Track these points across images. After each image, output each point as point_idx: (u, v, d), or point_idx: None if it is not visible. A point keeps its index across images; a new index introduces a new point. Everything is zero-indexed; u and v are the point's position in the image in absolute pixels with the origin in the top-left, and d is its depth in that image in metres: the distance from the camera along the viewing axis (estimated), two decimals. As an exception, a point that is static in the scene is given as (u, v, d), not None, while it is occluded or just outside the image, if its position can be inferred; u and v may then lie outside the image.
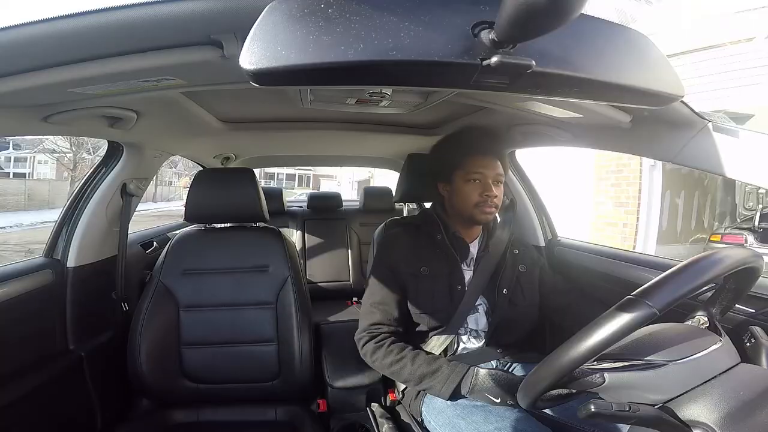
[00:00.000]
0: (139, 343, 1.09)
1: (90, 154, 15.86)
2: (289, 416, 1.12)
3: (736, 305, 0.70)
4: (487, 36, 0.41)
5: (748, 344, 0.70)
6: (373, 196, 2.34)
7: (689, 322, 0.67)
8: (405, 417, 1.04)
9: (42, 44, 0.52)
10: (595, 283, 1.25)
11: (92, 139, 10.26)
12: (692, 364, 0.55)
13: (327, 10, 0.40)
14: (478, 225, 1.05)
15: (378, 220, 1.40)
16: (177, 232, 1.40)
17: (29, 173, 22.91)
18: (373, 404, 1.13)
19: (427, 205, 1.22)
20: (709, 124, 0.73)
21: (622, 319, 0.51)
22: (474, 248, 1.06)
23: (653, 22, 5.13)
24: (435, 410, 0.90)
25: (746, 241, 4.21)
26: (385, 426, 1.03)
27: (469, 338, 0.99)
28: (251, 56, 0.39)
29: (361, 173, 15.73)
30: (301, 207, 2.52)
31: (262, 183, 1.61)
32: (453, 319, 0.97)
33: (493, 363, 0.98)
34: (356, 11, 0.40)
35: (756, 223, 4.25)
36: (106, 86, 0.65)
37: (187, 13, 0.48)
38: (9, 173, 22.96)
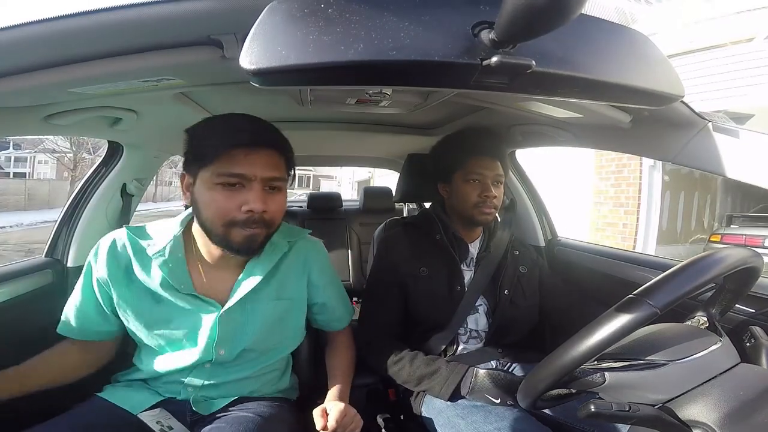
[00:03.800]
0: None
1: (90, 154, 15.87)
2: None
3: (736, 305, 0.70)
4: (487, 36, 0.41)
5: (748, 344, 0.70)
6: (373, 196, 2.34)
7: (689, 322, 0.68)
8: (405, 417, 1.04)
9: (42, 44, 0.52)
10: (594, 283, 1.25)
11: (92, 139, 10.27)
12: (692, 364, 0.55)
13: (327, 10, 0.40)
14: (477, 226, 1.05)
15: (378, 220, 1.40)
16: None
17: (29, 173, 22.93)
18: (373, 404, 1.12)
19: (428, 205, 1.22)
20: (709, 124, 0.73)
21: (623, 319, 0.51)
22: (474, 249, 1.06)
23: (653, 22, 5.13)
24: (435, 410, 0.90)
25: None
26: (385, 426, 1.03)
27: (469, 338, 0.99)
28: (251, 56, 0.39)
29: (361, 173, 15.74)
30: (301, 207, 2.52)
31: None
32: (452, 320, 0.97)
33: (493, 363, 0.98)
34: (356, 11, 0.40)
35: None
36: (106, 86, 0.65)
37: (187, 13, 0.48)
38: (9, 173, 22.98)
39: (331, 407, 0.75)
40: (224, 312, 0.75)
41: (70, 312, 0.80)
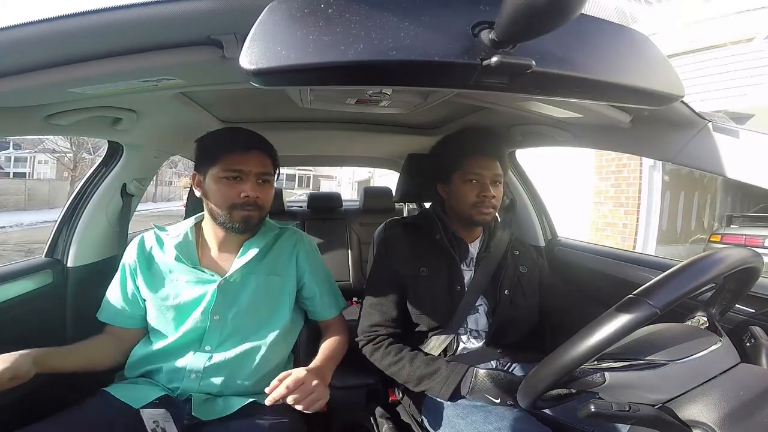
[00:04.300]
0: None
1: (90, 154, 15.87)
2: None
3: (736, 305, 0.70)
4: (487, 36, 0.41)
5: (748, 344, 0.70)
6: (373, 196, 2.34)
7: (689, 322, 0.67)
8: (405, 417, 1.04)
9: (42, 44, 0.52)
10: (594, 283, 1.25)
11: (92, 139, 10.28)
12: (692, 364, 0.55)
13: (327, 10, 0.40)
14: (477, 226, 1.05)
15: (378, 220, 1.40)
16: None
17: (29, 173, 22.93)
18: (373, 404, 1.13)
19: (428, 205, 1.22)
20: (709, 124, 0.73)
21: (623, 319, 0.51)
22: (474, 248, 1.06)
23: (653, 22, 5.13)
24: (435, 410, 0.90)
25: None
26: (385, 426, 1.03)
27: (469, 338, 0.99)
28: (251, 56, 0.39)
29: (361, 173, 15.73)
30: (301, 207, 2.52)
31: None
32: (452, 319, 0.97)
33: (493, 363, 0.98)
34: (356, 11, 0.40)
35: None
36: (106, 86, 0.65)
37: (187, 13, 0.48)
38: (9, 173, 22.98)
39: (291, 373, 0.74)
40: (224, 280, 0.90)
41: (107, 300, 0.96)
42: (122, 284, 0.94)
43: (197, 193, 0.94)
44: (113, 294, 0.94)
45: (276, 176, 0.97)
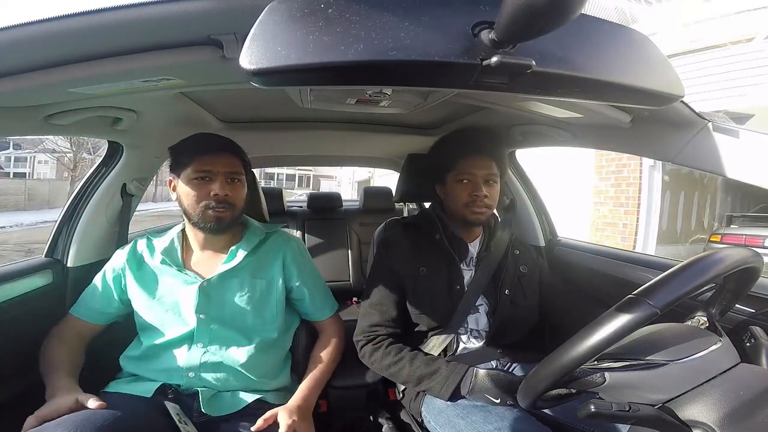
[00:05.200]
0: None
1: (90, 154, 15.89)
2: None
3: (736, 305, 0.70)
4: (487, 36, 0.41)
5: (748, 344, 0.70)
6: (373, 196, 2.34)
7: (689, 322, 0.68)
8: (405, 417, 1.04)
9: (42, 44, 0.52)
10: (594, 283, 1.25)
11: (92, 139, 10.28)
12: (692, 364, 0.55)
13: (327, 10, 0.40)
14: (471, 225, 1.05)
15: (378, 220, 1.40)
16: None
17: (29, 173, 22.94)
18: (373, 404, 1.12)
19: (428, 205, 1.22)
20: (709, 124, 0.73)
21: (623, 319, 0.51)
22: (474, 248, 1.06)
23: (653, 22, 5.13)
24: (435, 410, 0.90)
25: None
26: (385, 426, 1.03)
27: (469, 338, 0.99)
28: (251, 56, 0.39)
29: (361, 173, 15.73)
30: (301, 207, 2.52)
31: (262, 183, 1.61)
32: (452, 319, 0.97)
33: (493, 363, 0.98)
34: (356, 11, 0.40)
35: None
36: (106, 86, 0.65)
37: (187, 13, 0.48)
38: (9, 173, 22.99)
39: (281, 422, 0.80)
40: (206, 282, 0.93)
41: (83, 296, 0.99)
42: (104, 282, 0.98)
43: (173, 196, 0.97)
44: (91, 288, 0.99)
45: (247, 174, 1.01)
